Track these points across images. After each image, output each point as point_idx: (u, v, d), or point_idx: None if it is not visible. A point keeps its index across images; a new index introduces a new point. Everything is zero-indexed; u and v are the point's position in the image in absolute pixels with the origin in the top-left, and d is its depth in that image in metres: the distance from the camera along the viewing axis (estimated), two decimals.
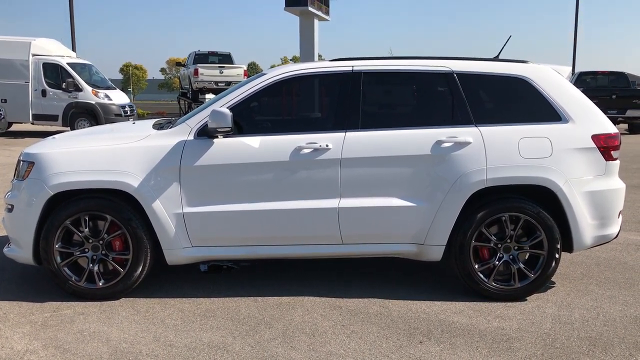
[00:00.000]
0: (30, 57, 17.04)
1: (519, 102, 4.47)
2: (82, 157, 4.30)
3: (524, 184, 4.30)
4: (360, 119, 4.37)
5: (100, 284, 4.33)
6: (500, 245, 4.33)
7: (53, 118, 17.24)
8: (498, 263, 4.34)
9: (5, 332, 3.82)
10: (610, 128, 4.43)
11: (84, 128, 10.98)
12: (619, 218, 4.52)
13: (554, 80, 4.47)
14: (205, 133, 4.29)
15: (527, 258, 4.39)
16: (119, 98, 18.26)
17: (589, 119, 4.40)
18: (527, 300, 4.36)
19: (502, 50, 5.06)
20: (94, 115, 17.15)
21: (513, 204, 4.29)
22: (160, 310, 4.18)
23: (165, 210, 4.24)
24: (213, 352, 3.54)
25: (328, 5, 20.08)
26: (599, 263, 5.28)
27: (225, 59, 23.97)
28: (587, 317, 4.07)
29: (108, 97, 17.61)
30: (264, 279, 4.84)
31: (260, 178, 4.28)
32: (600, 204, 4.35)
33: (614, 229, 4.49)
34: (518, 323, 3.97)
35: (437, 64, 4.51)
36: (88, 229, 4.30)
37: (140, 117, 24.41)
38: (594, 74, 20.81)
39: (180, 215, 4.27)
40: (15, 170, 4.55)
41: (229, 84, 21.19)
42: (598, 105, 4.66)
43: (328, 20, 20.51)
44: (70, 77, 17.11)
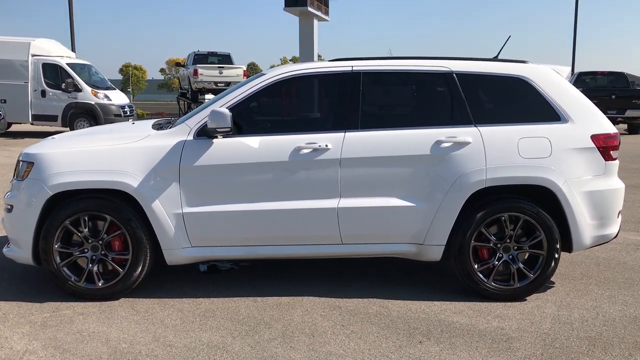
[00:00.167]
0: (30, 57, 17.04)
1: (519, 102, 4.47)
2: (81, 157, 4.30)
3: (524, 184, 4.30)
4: (360, 119, 4.37)
5: (100, 284, 4.32)
6: (500, 245, 4.33)
7: (52, 118, 17.24)
8: (497, 263, 4.34)
9: (5, 332, 3.82)
10: (610, 128, 4.43)
11: (84, 128, 10.97)
12: (619, 218, 4.53)
13: (554, 81, 4.48)
14: (205, 133, 4.29)
15: (526, 258, 4.39)
16: (119, 98, 18.26)
17: (589, 119, 4.40)
18: (526, 300, 4.36)
19: (501, 50, 5.07)
20: (94, 116, 17.15)
21: (512, 204, 4.29)
22: (160, 311, 4.18)
23: (165, 211, 4.25)
24: (212, 352, 3.54)
25: (327, 6, 20.09)
26: (599, 263, 5.29)
27: (225, 60, 23.99)
28: (586, 317, 4.07)
29: (107, 97, 17.62)
30: (264, 279, 4.84)
31: (260, 178, 4.28)
32: (600, 204, 4.35)
33: (614, 229, 4.50)
34: (517, 323, 3.97)
35: (436, 64, 4.51)
36: (87, 229, 4.30)
37: (140, 117, 24.40)
38: (594, 74, 20.81)
39: (180, 216, 4.27)
40: (15, 171, 4.55)
41: (229, 85, 21.19)
42: (597, 106, 4.66)
43: (327, 21, 20.52)
44: (70, 77, 17.11)
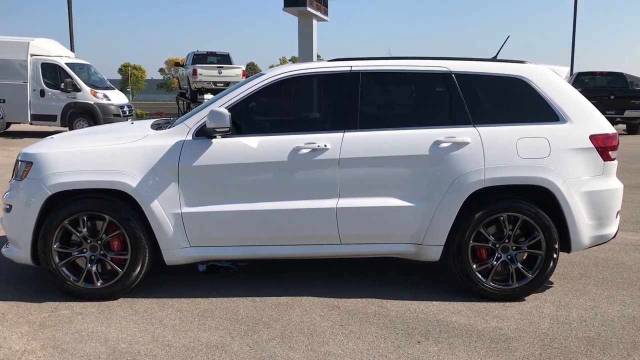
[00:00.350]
0: (29, 57, 17.02)
1: (517, 102, 4.48)
2: (80, 157, 4.30)
3: (522, 184, 4.30)
4: (359, 119, 4.37)
5: (99, 284, 4.32)
6: (499, 245, 4.34)
7: (51, 118, 17.22)
8: (496, 263, 4.34)
9: (4, 332, 3.82)
10: (608, 128, 4.44)
11: (83, 128, 10.97)
12: (617, 218, 4.53)
13: (552, 81, 4.48)
14: (204, 133, 4.29)
15: (525, 258, 4.39)
16: (118, 98, 18.24)
17: (587, 119, 4.41)
18: (525, 300, 4.36)
19: (500, 51, 5.07)
20: (93, 116, 17.13)
21: (511, 204, 4.29)
22: (159, 311, 4.18)
23: (164, 211, 4.24)
24: (211, 352, 3.54)
25: (327, 6, 20.09)
26: (597, 263, 5.29)
27: (224, 59, 23.99)
28: (585, 317, 4.08)
29: (107, 97, 17.60)
30: (262, 279, 4.84)
31: (259, 178, 4.28)
32: (598, 204, 4.35)
33: (612, 229, 4.50)
34: (516, 323, 3.97)
35: (435, 64, 4.52)
36: (86, 229, 4.29)
37: (139, 117, 24.41)
38: (592, 75, 20.82)
39: (179, 216, 4.27)
40: (14, 170, 4.55)
41: (228, 84, 21.19)
42: (596, 106, 4.67)
43: (327, 21, 20.52)
44: (69, 77, 17.09)
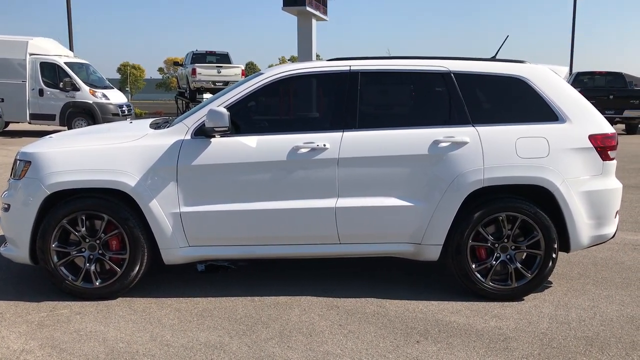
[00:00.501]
0: (28, 56, 16.98)
1: (517, 102, 4.47)
2: (79, 156, 4.29)
3: (521, 184, 4.30)
4: (358, 119, 4.37)
5: (97, 284, 4.32)
6: (498, 245, 4.34)
7: (50, 117, 17.20)
8: (495, 263, 4.34)
9: (2, 331, 3.81)
10: (607, 128, 4.44)
11: (81, 127, 10.94)
12: (616, 218, 4.53)
13: (552, 81, 4.48)
14: (203, 132, 4.28)
15: (524, 258, 4.39)
16: (117, 97, 18.22)
17: (586, 119, 4.41)
18: (524, 300, 4.36)
19: (499, 50, 5.07)
20: (92, 115, 17.11)
21: (510, 204, 4.29)
22: (157, 310, 4.17)
23: (163, 210, 4.24)
24: (210, 351, 3.54)
25: (326, 5, 20.09)
26: (596, 263, 5.29)
27: (223, 59, 23.98)
28: (584, 316, 4.08)
29: (105, 96, 17.58)
30: (261, 279, 4.84)
31: (258, 178, 4.28)
32: (597, 204, 4.35)
33: (611, 229, 4.50)
34: (515, 323, 3.97)
35: (434, 64, 4.51)
36: (85, 229, 4.29)
37: (138, 116, 24.38)
38: (592, 74, 20.83)
39: (178, 215, 4.26)
40: (12, 170, 4.54)
41: (227, 84, 21.18)
42: (595, 106, 4.67)
43: (326, 20, 20.53)
44: (68, 76, 17.07)
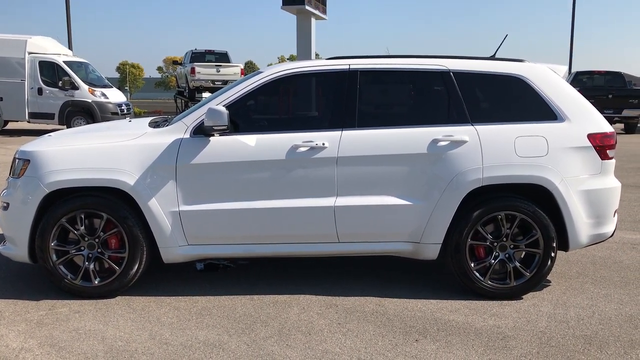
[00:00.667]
0: (27, 55, 16.98)
1: (516, 101, 4.48)
2: (78, 155, 4.29)
3: (520, 183, 4.30)
4: (357, 118, 4.37)
5: (96, 282, 4.32)
6: (496, 244, 4.34)
7: (49, 116, 17.19)
8: (494, 262, 4.34)
9: (1, 330, 3.81)
10: (606, 127, 4.44)
11: (80, 126, 10.94)
12: (615, 217, 4.54)
13: (551, 80, 4.48)
14: (202, 131, 4.28)
15: (522, 257, 4.40)
16: (116, 96, 18.22)
17: (585, 118, 4.41)
18: (522, 299, 4.37)
19: (498, 49, 5.07)
20: (91, 114, 17.11)
21: (509, 203, 4.29)
22: (156, 309, 4.17)
23: (162, 209, 4.24)
24: (209, 350, 3.54)
25: (325, 4, 20.05)
26: (595, 262, 5.30)
27: (222, 58, 23.98)
28: (582, 315, 4.08)
29: (104, 95, 17.58)
30: (260, 278, 4.84)
31: (257, 176, 4.28)
32: (596, 203, 4.36)
33: (610, 228, 4.51)
34: (514, 321, 3.98)
35: (433, 63, 4.51)
36: (84, 227, 4.29)
37: (137, 115, 24.36)
38: (591, 74, 20.85)
39: (177, 214, 4.26)
40: (11, 168, 4.54)
41: (226, 83, 21.17)
42: (594, 105, 4.67)
43: (325, 19, 20.49)
44: (67, 75, 17.07)
